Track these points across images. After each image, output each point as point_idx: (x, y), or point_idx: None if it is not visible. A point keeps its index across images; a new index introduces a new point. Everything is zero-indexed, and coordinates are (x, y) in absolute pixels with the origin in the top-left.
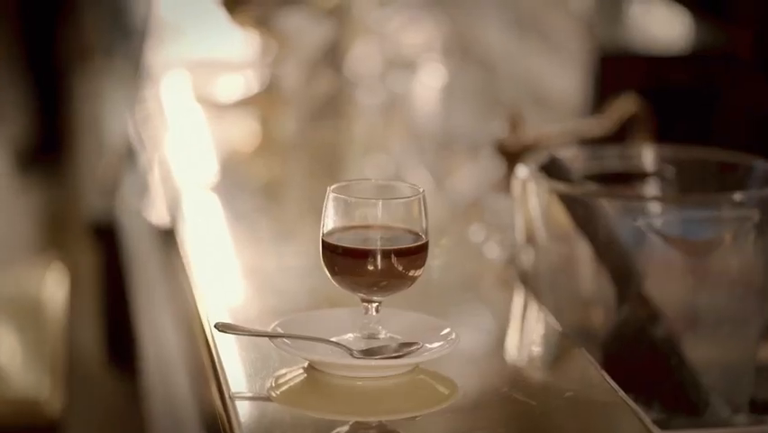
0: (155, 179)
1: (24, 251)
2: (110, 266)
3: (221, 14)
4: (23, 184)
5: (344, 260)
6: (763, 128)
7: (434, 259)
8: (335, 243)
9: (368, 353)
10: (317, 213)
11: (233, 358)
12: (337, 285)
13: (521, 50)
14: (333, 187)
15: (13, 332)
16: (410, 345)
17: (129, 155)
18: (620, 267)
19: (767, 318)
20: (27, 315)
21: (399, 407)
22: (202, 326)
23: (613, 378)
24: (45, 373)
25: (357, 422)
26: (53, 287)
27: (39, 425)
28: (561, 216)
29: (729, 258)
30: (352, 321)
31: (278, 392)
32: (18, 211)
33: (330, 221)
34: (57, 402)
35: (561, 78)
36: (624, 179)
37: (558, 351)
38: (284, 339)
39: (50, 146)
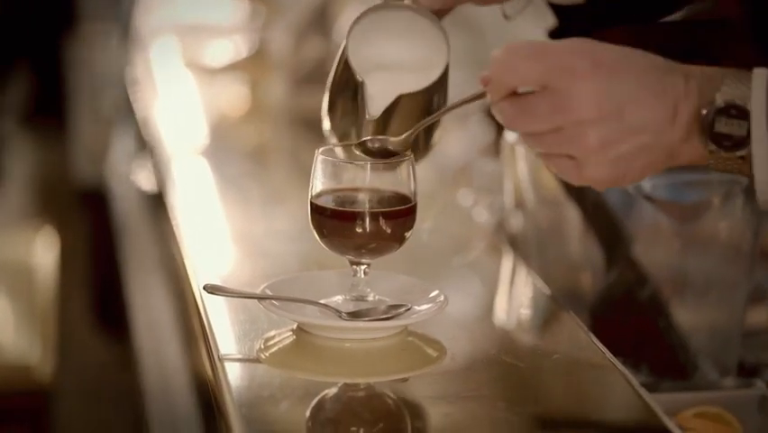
0: (144, 143)
1: (14, 216)
2: (100, 231)
3: None
4: (14, 148)
5: (333, 222)
6: None
7: (423, 222)
8: (324, 205)
9: (356, 315)
10: (306, 176)
11: (222, 320)
12: (326, 248)
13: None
14: (321, 149)
15: (2, 297)
16: (399, 307)
17: (118, 120)
18: (608, 231)
19: (755, 282)
20: (17, 280)
21: (388, 369)
22: (191, 288)
23: (601, 341)
24: (35, 339)
25: (345, 384)
26: (43, 252)
27: (30, 390)
28: (549, 179)
29: (718, 221)
30: (341, 283)
31: (267, 354)
32: (8, 176)
33: (318, 183)
34: (47, 367)
35: None
36: None
37: (546, 314)
38: (273, 301)
39: (41, 111)
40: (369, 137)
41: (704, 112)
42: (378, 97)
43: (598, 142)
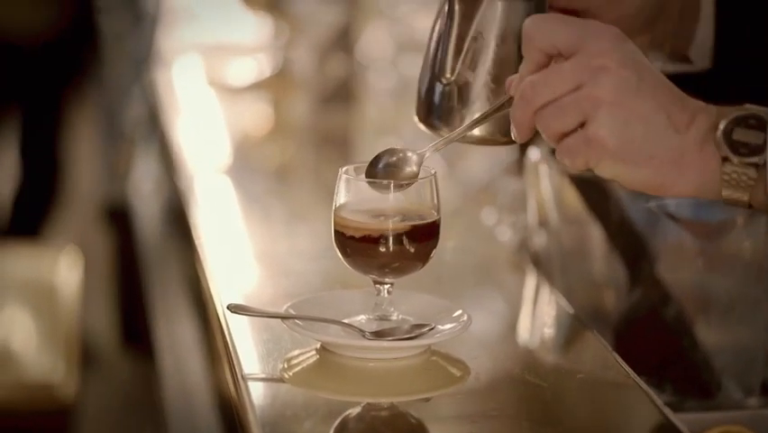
0: (168, 162)
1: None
2: (123, 249)
3: None
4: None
5: (356, 242)
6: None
7: (447, 241)
8: (347, 224)
9: (380, 334)
10: (329, 195)
11: (245, 340)
12: (349, 267)
13: None
14: (344, 168)
15: (27, 316)
16: (422, 326)
17: (142, 140)
18: (632, 249)
19: None
20: (41, 299)
21: (411, 388)
22: (215, 308)
23: (625, 360)
24: (59, 357)
25: (369, 404)
26: (67, 271)
27: (53, 409)
28: (573, 198)
29: (741, 240)
30: (364, 303)
31: (290, 374)
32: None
33: (342, 202)
34: (71, 386)
35: None
36: None
37: (570, 333)
38: (296, 320)
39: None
40: (388, 148)
41: (723, 123)
42: None
43: (612, 90)
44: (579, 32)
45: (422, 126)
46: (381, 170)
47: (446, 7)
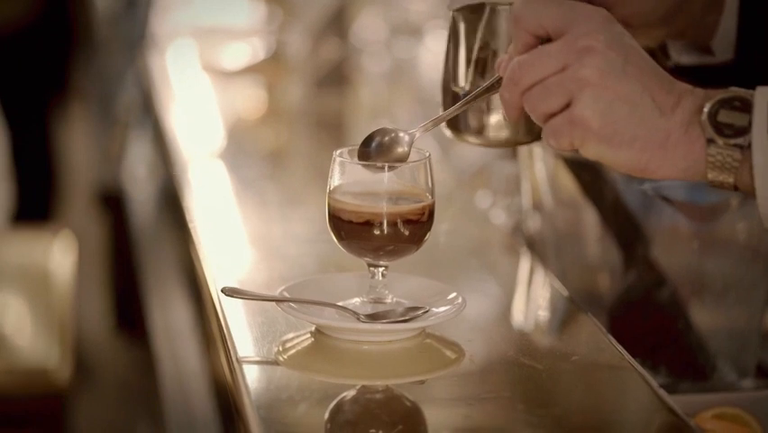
0: (161, 147)
1: (31, 220)
2: (117, 234)
3: None
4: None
5: (351, 225)
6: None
7: (441, 224)
8: (342, 208)
9: (374, 317)
10: (323, 179)
11: (240, 323)
12: (344, 250)
13: None
14: (338, 151)
15: (21, 301)
16: (417, 309)
17: (135, 124)
18: (626, 232)
19: None
20: (35, 284)
21: (406, 371)
22: (209, 291)
23: (619, 342)
24: (53, 342)
25: (364, 386)
26: (61, 256)
27: (48, 394)
28: (567, 181)
29: (736, 222)
30: (359, 286)
31: (285, 357)
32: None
33: (336, 186)
34: (65, 371)
35: None
36: None
37: (564, 316)
38: (291, 304)
39: (56, 114)
40: (379, 128)
41: (708, 105)
42: None
43: (597, 72)
44: (567, 14)
45: (449, 134)
46: (374, 149)
47: (452, 22)
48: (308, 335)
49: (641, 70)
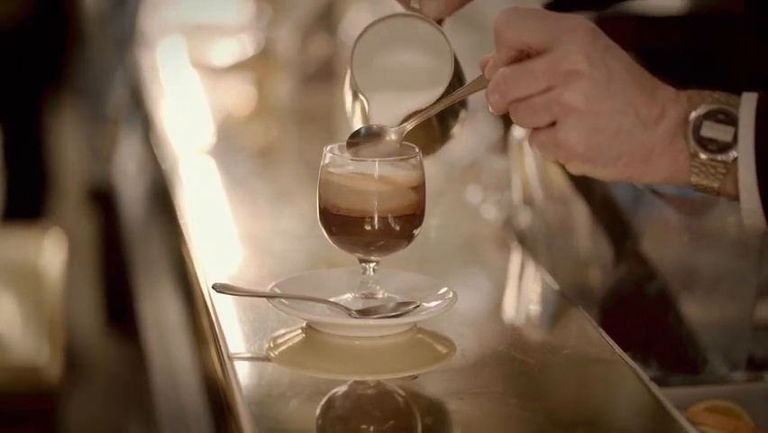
0: (152, 143)
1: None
2: (108, 231)
3: None
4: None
5: (341, 220)
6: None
7: (432, 219)
8: (332, 203)
9: (365, 312)
10: (313, 174)
11: (231, 319)
12: (335, 246)
13: None
14: (329, 147)
15: (11, 298)
16: (408, 304)
17: (125, 121)
18: (617, 226)
19: (764, 276)
20: (25, 281)
21: (397, 366)
22: (200, 288)
23: (611, 336)
24: (44, 339)
25: (355, 382)
26: (51, 252)
27: (38, 391)
28: (557, 175)
29: (726, 216)
30: (350, 281)
31: (276, 353)
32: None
33: (326, 181)
34: (56, 368)
35: None
36: None
37: (555, 310)
38: (282, 300)
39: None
40: (365, 125)
41: (693, 115)
42: (381, 119)
43: (582, 98)
44: (549, 30)
45: None
46: (363, 144)
47: None
48: (299, 331)
49: (625, 86)
